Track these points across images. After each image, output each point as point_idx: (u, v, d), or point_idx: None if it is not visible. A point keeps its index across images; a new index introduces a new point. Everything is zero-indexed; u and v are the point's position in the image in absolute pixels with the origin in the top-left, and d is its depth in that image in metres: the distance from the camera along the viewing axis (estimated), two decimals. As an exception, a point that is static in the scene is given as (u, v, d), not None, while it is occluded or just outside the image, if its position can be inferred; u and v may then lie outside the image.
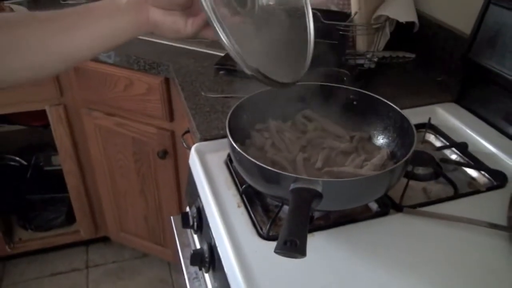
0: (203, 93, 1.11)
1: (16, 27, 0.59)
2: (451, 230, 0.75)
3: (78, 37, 0.63)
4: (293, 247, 0.52)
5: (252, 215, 0.78)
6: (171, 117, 1.41)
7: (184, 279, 0.90)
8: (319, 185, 0.64)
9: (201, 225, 0.86)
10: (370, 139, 0.88)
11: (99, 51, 0.67)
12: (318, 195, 0.63)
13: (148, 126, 1.44)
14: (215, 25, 0.59)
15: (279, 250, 0.52)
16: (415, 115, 1.00)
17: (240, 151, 0.71)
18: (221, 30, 0.59)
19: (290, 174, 0.66)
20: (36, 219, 1.88)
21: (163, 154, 1.46)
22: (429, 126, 1.01)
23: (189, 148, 0.96)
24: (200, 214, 0.86)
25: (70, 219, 1.88)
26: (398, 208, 0.79)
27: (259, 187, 0.73)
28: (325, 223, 0.77)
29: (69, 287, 1.84)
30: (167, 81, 1.32)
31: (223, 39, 0.59)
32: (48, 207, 1.87)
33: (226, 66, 1.23)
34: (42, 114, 1.56)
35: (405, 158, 0.71)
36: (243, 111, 0.85)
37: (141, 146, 1.49)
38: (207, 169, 0.89)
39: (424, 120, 1.02)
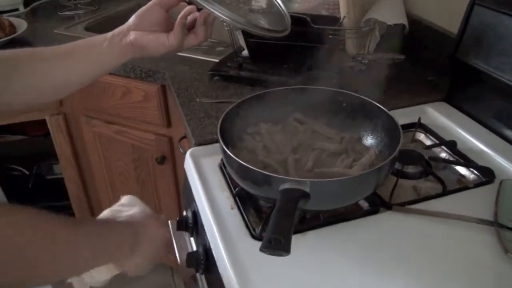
0: (197, 99, 1.12)
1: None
2: (440, 226, 0.77)
3: (70, 68, 0.72)
4: (277, 245, 0.54)
5: (245, 217, 0.79)
6: (168, 123, 1.42)
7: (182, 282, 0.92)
8: (306, 185, 0.66)
9: (197, 228, 0.88)
10: (359, 139, 0.90)
11: (89, 79, 0.75)
12: (305, 195, 0.64)
13: (146, 132, 1.45)
14: (204, 4, 0.68)
15: (263, 249, 0.54)
16: (405, 115, 1.04)
17: (231, 154, 0.73)
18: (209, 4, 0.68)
19: (278, 176, 0.68)
20: (39, 227, 1.88)
21: (162, 160, 1.48)
22: (419, 125, 1.03)
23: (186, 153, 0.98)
24: (196, 217, 0.88)
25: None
26: (388, 206, 0.80)
27: (250, 189, 0.75)
28: (317, 222, 0.78)
29: (72, 294, 1.84)
30: (163, 88, 1.34)
31: (214, 10, 0.68)
32: (51, 216, 1.87)
33: (221, 72, 1.25)
34: (42, 124, 1.58)
35: (391, 157, 0.73)
36: (235, 115, 0.87)
37: (140, 153, 1.50)
38: (201, 173, 0.91)
39: (415, 119, 1.03)
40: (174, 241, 0.94)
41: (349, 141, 0.88)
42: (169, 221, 1.00)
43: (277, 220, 0.59)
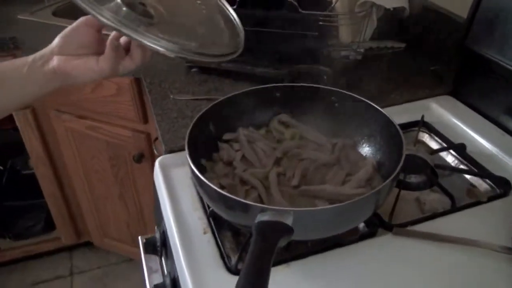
0: (171, 96, 1.01)
1: None
2: (449, 252, 0.66)
3: None
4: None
5: (220, 244, 0.68)
6: (145, 119, 1.30)
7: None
8: (289, 216, 0.54)
9: (167, 252, 0.76)
10: (354, 146, 0.78)
11: (10, 108, 0.64)
12: (287, 230, 0.52)
13: (122, 128, 1.34)
14: (130, 33, 0.56)
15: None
16: (407, 112, 0.95)
17: (199, 175, 0.60)
18: (136, 33, 0.56)
19: (256, 204, 0.56)
20: (15, 227, 1.78)
21: (139, 158, 1.36)
22: (423, 124, 0.93)
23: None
24: (166, 238, 0.76)
25: (49, 225, 1.78)
26: (388, 227, 0.70)
27: (224, 215, 0.63)
28: (303, 249, 0.67)
29: (52, 296, 1.75)
30: (137, 81, 1.20)
31: (142, 40, 0.56)
32: (26, 214, 1.78)
33: (199, 64, 1.11)
34: (11, 116, 1.45)
35: (392, 176, 0.61)
36: (209, 119, 0.76)
37: (116, 150, 1.39)
38: (171, 187, 0.79)
39: (417, 117, 0.93)
40: (144, 263, 0.82)
41: (342, 149, 0.77)
42: (139, 237, 0.88)
43: (250, 269, 0.46)
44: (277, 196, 0.67)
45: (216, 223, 0.71)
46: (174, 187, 0.79)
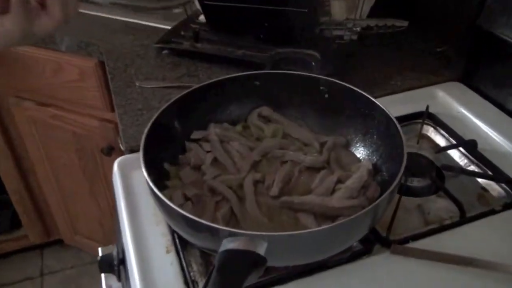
0: (137, 83, 0.93)
1: None
2: (459, 276, 0.59)
3: None
4: None
5: (185, 266, 0.60)
6: (112, 107, 1.20)
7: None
8: (262, 242, 0.45)
9: (126, 273, 0.68)
10: (347, 146, 0.71)
11: None
12: (259, 263, 0.44)
13: (88, 118, 1.27)
14: None
15: None
16: (408, 101, 0.89)
17: (155, 189, 0.52)
18: None
19: (220, 228, 0.47)
20: (-22, 225, 1.71)
21: (109, 151, 1.27)
22: (427, 116, 0.86)
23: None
24: (124, 258, 0.68)
25: (16, 223, 1.71)
26: (385, 242, 0.63)
27: (186, 237, 0.55)
28: (284, 273, 0.59)
29: (21, 299, 1.70)
30: (102, 64, 1.12)
31: None
32: (-11, 211, 1.70)
33: (171, 44, 1.03)
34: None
35: (391, 188, 0.53)
36: (174, 115, 0.68)
37: (83, 142, 1.33)
38: (130, 194, 0.71)
39: (421, 107, 0.86)
40: (103, 283, 0.74)
41: (332, 149, 0.69)
42: (99, 248, 0.81)
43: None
44: (253, 210, 0.59)
45: (182, 240, 0.63)
46: (134, 194, 0.71)
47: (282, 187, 0.62)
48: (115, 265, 0.69)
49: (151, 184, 0.53)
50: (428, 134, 0.85)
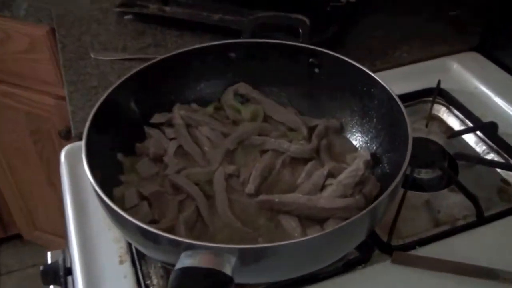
0: (92, 55, 0.90)
1: None
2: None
3: None
4: None
5: (142, 279, 0.57)
6: (69, 83, 1.18)
7: None
8: (230, 257, 0.41)
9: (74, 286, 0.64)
10: (341, 131, 0.67)
11: None
12: (224, 283, 0.39)
13: (43, 95, 1.26)
14: None
15: None
16: (417, 75, 0.88)
17: (95, 186, 0.47)
18: None
19: (178, 239, 0.43)
20: None
21: (67, 134, 1.24)
22: (439, 93, 0.83)
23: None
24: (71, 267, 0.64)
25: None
26: (386, 248, 0.60)
27: (140, 248, 0.51)
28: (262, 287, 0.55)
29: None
30: (55, 32, 1.08)
31: None
32: None
33: (134, 9, 1.00)
34: None
35: (392, 186, 0.49)
36: (130, 93, 0.64)
37: (38, 123, 1.33)
38: (79, 191, 0.68)
39: (431, 83, 0.84)
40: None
41: (323, 135, 0.65)
42: (48, 253, 0.81)
43: None
44: (224, 211, 0.55)
45: (139, 250, 0.58)
46: (84, 191, 0.67)
47: (260, 183, 0.59)
48: (61, 276, 0.65)
49: (91, 180, 0.48)
50: (439, 115, 0.83)
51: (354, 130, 0.66)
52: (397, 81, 0.63)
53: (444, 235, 0.61)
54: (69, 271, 0.66)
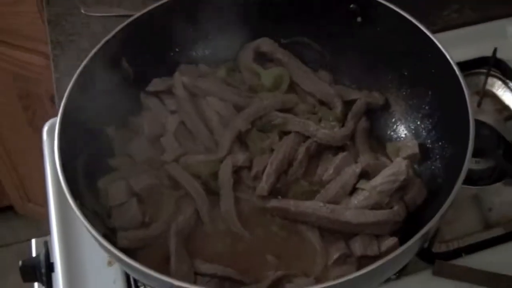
0: (83, 10, 0.87)
1: None
2: None
3: None
4: None
5: (133, 285, 0.57)
6: (60, 40, 1.16)
7: None
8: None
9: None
10: (385, 109, 0.61)
11: None
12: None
13: (32, 55, 1.24)
14: None
15: None
16: (468, 41, 0.83)
17: (80, 214, 0.43)
18: None
19: (162, 278, 0.39)
20: None
21: (60, 99, 1.21)
22: (494, 64, 0.80)
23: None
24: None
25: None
26: (426, 256, 0.58)
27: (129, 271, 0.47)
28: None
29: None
30: None
31: None
32: None
33: None
34: None
35: (444, 207, 0.43)
36: (121, 50, 0.59)
37: (27, 86, 1.32)
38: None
39: (485, 51, 0.81)
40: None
41: (361, 114, 0.60)
42: (33, 240, 0.77)
43: None
44: (229, 215, 0.52)
45: None
46: None
47: (275, 181, 0.54)
48: (43, 274, 0.63)
49: (64, 186, 0.43)
50: (494, 91, 0.80)
51: (402, 106, 0.61)
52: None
53: (498, 240, 0.60)
54: (51, 267, 0.63)
